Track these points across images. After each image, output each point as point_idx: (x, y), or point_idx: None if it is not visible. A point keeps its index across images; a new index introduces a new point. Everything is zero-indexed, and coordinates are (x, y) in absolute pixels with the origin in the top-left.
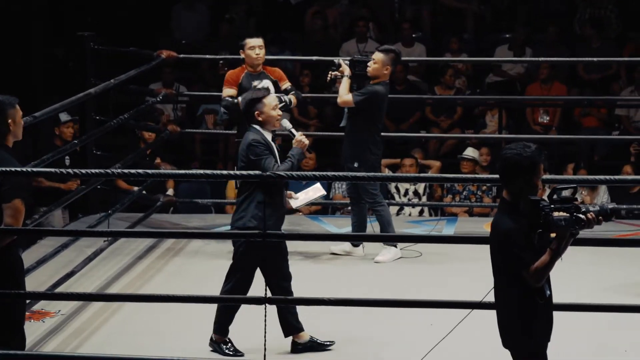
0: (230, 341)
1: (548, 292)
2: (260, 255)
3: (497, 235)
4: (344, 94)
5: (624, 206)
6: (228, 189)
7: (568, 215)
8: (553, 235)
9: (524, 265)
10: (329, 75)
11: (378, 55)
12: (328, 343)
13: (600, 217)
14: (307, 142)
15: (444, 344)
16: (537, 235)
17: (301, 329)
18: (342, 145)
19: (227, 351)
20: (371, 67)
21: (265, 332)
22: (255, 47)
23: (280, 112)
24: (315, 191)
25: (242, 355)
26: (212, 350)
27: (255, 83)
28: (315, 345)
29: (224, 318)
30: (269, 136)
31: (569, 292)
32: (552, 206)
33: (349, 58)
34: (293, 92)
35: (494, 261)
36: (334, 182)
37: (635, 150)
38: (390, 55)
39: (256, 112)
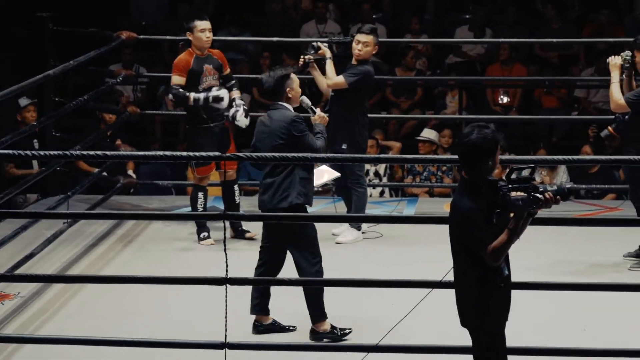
0: (334, 326)
1: (506, 272)
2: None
3: (456, 215)
4: (334, 77)
5: (583, 186)
6: (189, 170)
7: (526, 195)
8: (512, 215)
9: (483, 245)
10: (302, 59)
11: (369, 37)
12: (290, 327)
13: (558, 197)
14: (327, 118)
15: (404, 323)
16: (495, 215)
17: (267, 313)
18: (329, 126)
19: (339, 334)
20: (362, 50)
21: (226, 312)
22: (205, 29)
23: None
24: (330, 174)
25: (351, 330)
26: (324, 341)
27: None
28: (276, 328)
29: (317, 303)
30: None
31: (528, 271)
32: (510, 186)
33: (326, 40)
34: (236, 86)
35: (453, 241)
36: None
37: (594, 133)
38: (376, 33)
39: (287, 89)
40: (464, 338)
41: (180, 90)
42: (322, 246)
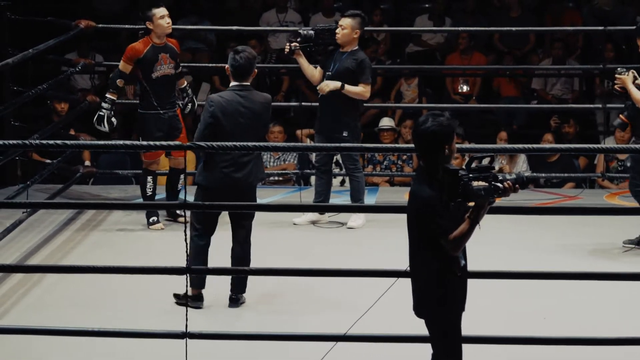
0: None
1: (463, 262)
2: None
3: (416, 204)
4: (360, 91)
5: (543, 175)
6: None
7: (487, 184)
8: (470, 203)
9: (443, 234)
10: (289, 46)
11: (346, 21)
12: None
13: (517, 186)
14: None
15: (369, 313)
16: (455, 204)
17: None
18: (324, 114)
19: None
20: (340, 33)
21: (187, 302)
22: (164, 15)
23: None
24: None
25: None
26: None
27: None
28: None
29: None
30: None
31: (487, 260)
32: (471, 175)
33: (309, 28)
34: (186, 73)
35: (411, 230)
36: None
37: (556, 124)
38: (358, 19)
39: (255, 70)
40: (421, 328)
41: (118, 81)
42: (278, 232)
